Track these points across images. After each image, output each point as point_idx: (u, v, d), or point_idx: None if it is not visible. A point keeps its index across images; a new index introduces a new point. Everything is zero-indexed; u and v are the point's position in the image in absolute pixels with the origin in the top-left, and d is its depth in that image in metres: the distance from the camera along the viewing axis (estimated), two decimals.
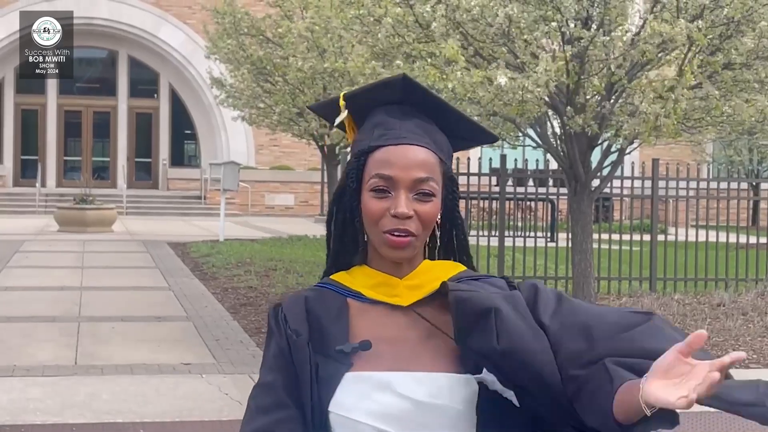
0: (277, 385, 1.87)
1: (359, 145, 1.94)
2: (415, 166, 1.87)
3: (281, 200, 35.10)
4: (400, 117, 1.93)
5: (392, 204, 1.85)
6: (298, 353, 1.88)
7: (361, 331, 1.89)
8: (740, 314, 11.63)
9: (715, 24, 9.22)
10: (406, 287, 1.91)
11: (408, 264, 1.92)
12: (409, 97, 1.95)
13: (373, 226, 1.88)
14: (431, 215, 1.88)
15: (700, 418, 7.39)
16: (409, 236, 1.85)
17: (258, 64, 20.67)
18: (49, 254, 18.53)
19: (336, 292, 1.94)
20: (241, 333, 10.46)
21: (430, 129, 1.94)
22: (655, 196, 14.34)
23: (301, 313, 1.91)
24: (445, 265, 1.98)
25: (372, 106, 1.97)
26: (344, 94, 2.00)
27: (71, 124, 37.94)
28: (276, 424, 1.84)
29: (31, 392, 7.65)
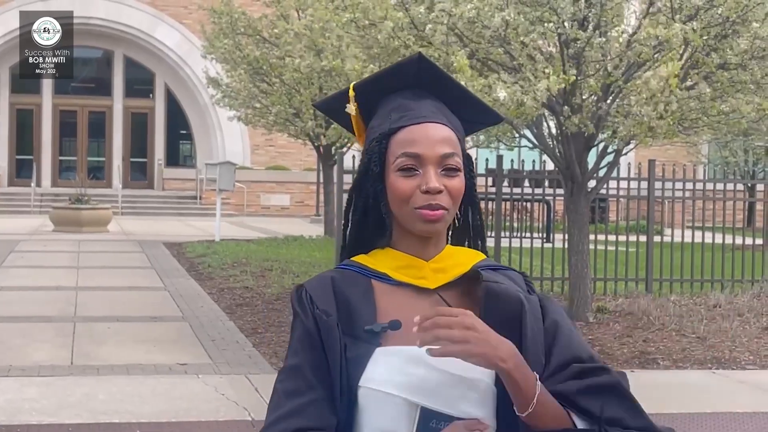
0: (304, 367, 1.86)
1: (378, 129, 1.95)
2: (439, 142, 1.90)
3: (277, 200, 35.08)
4: (415, 99, 1.95)
5: (422, 181, 1.87)
6: (328, 334, 1.87)
7: (388, 312, 1.89)
8: (736, 315, 11.63)
9: (711, 24, 9.22)
10: (433, 270, 1.93)
11: (434, 245, 1.94)
12: (423, 78, 1.97)
13: (403, 205, 1.89)
14: (460, 189, 1.91)
15: (696, 420, 7.39)
16: (442, 209, 1.87)
17: (254, 64, 20.67)
18: (45, 254, 18.50)
19: (360, 273, 1.95)
20: (237, 333, 10.44)
21: (444, 109, 1.96)
22: (652, 197, 14.34)
23: (329, 294, 1.91)
24: (468, 252, 2.00)
25: (383, 94, 1.98)
26: (354, 85, 2.01)
27: (66, 123, 37.88)
28: (305, 407, 1.83)
29: (27, 392, 7.63)
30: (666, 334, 10.50)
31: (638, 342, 10.11)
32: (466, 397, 1.84)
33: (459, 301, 1.91)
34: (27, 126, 37.60)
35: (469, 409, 1.84)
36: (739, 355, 9.72)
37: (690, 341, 10.23)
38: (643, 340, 10.19)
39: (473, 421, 1.83)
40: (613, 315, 11.50)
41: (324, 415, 1.83)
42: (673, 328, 10.76)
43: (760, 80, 9.74)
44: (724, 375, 8.95)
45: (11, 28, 34.66)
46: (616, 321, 11.15)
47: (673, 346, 9.95)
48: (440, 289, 1.92)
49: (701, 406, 7.68)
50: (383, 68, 2.05)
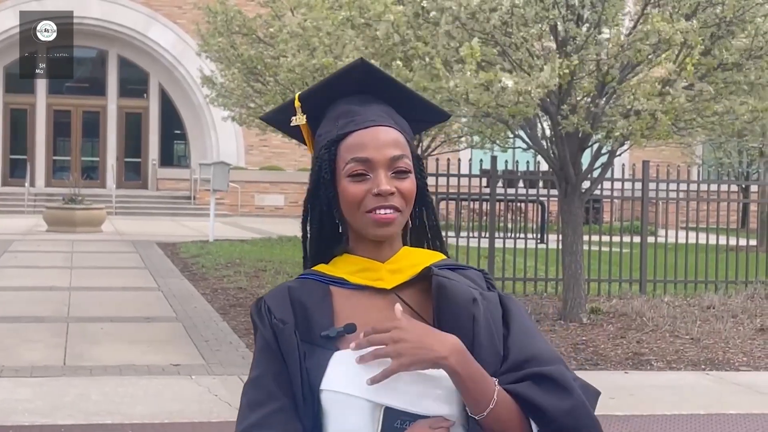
0: (266, 378, 1.88)
1: (326, 137, 1.95)
2: (388, 145, 1.90)
3: (271, 201, 35.06)
4: (361, 104, 1.96)
5: (372, 184, 1.88)
6: (286, 341, 1.89)
7: (346, 316, 1.90)
8: (730, 316, 11.64)
9: (708, 24, 9.23)
10: (389, 271, 1.93)
11: (389, 247, 1.95)
12: (368, 83, 1.97)
13: (355, 210, 1.89)
14: (411, 191, 1.91)
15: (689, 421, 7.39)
16: (394, 211, 1.88)
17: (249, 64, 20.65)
18: (38, 254, 18.46)
19: (318, 281, 1.95)
20: (230, 334, 10.43)
21: (391, 112, 1.97)
22: (645, 197, 14.35)
23: (286, 303, 1.93)
24: (425, 253, 2.00)
25: (329, 102, 1.98)
26: (300, 95, 2.01)
27: (60, 123, 37.83)
28: (268, 417, 1.84)
29: (19, 393, 7.61)
30: (660, 335, 10.50)
31: (632, 343, 10.11)
32: (429, 395, 1.84)
33: (417, 300, 1.92)
34: (21, 126, 37.54)
35: (433, 406, 1.84)
36: (732, 356, 9.72)
37: (684, 342, 10.23)
38: (636, 341, 10.19)
39: (437, 419, 1.83)
40: (607, 316, 11.51)
41: (287, 423, 1.84)
42: (667, 329, 10.77)
43: (755, 81, 9.75)
44: (718, 376, 8.95)
45: (6, 27, 34.62)
46: (609, 322, 11.15)
47: (667, 348, 9.95)
48: (397, 289, 1.92)
49: (695, 408, 7.68)
50: (326, 76, 2.04)
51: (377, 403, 1.82)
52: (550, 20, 9.40)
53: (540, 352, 1.91)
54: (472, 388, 1.80)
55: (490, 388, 1.82)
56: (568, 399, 1.87)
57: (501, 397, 1.82)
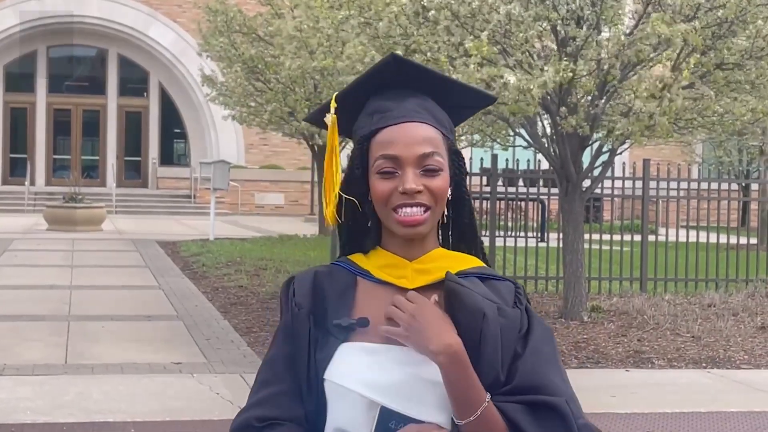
0: (278, 359, 1.92)
1: (360, 132, 1.94)
2: (418, 142, 1.88)
3: (271, 199, 35.05)
4: (396, 99, 1.93)
5: (399, 182, 1.86)
6: (299, 325, 1.91)
7: (364, 308, 1.90)
8: (731, 315, 11.64)
9: (709, 24, 9.23)
10: (415, 270, 1.92)
11: (420, 245, 1.92)
12: (402, 76, 1.95)
13: (383, 207, 1.88)
14: (441, 189, 1.88)
15: (690, 419, 7.39)
16: (424, 210, 1.86)
17: (249, 63, 20.65)
18: (39, 253, 18.46)
19: (346, 269, 1.95)
20: (231, 332, 10.43)
21: (428, 106, 1.94)
22: (646, 196, 14.35)
23: (308, 287, 1.94)
24: (458, 257, 1.97)
25: (365, 98, 1.97)
26: (336, 95, 1.99)
27: (60, 122, 37.81)
28: (272, 397, 1.88)
29: (21, 391, 7.61)
30: (660, 334, 10.51)
31: (633, 341, 10.12)
32: (424, 400, 1.83)
33: (440, 304, 1.88)
34: (21, 125, 37.52)
35: (428, 411, 1.83)
36: (733, 354, 9.73)
37: (684, 340, 10.24)
38: (637, 340, 10.20)
39: (430, 425, 1.82)
40: (608, 314, 11.51)
41: (289, 406, 1.87)
42: (668, 328, 10.77)
43: (755, 80, 9.75)
44: (719, 374, 8.95)
45: (5, 26, 34.61)
46: (610, 320, 11.15)
47: (668, 346, 9.96)
48: (422, 290, 1.90)
49: (696, 406, 7.68)
50: (362, 74, 2.02)
51: (374, 401, 1.82)
52: (551, 21, 9.41)
53: (550, 383, 1.86)
54: (458, 395, 1.80)
55: (479, 400, 1.80)
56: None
57: (489, 413, 1.80)
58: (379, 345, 1.85)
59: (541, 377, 1.86)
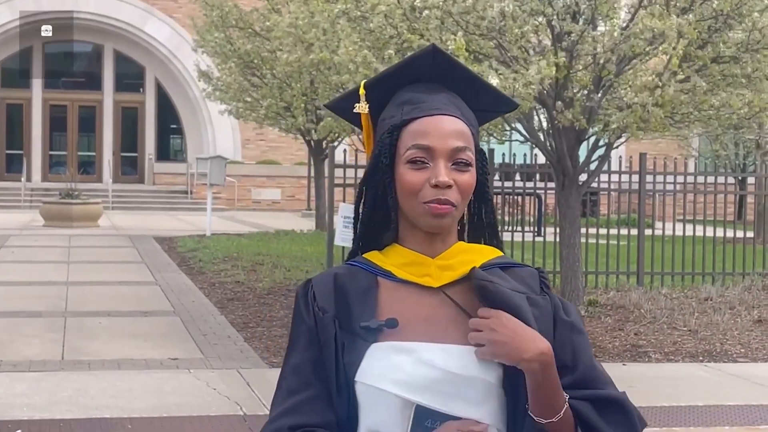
0: (304, 365, 1.88)
1: (390, 121, 1.91)
2: (451, 136, 1.86)
3: (268, 195, 35.04)
4: (428, 92, 1.92)
5: (432, 174, 1.84)
6: (324, 330, 1.88)
7: (390, 309, 1.87)
8: (728, 308, 11.65)
9: (704, 17, 9.22)
10: (438, 267, 1.89)
11: (442, 241, 1.91)
12: (436, 70, 1.94)
13: (412, 198, 1.86)
14: (470, 185, 1.87)
15: (687, 412, 7.40)
16: (449, 205, 1.84)
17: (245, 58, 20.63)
18: (35, 249, 18.45)
19: (366, 270, 1.92)
20: (228, 328, 10.42)
21: (458, 102, 1.93)
22: (643, 190, 14.35)
23: (330, 290, 1.91)
24: (479, 249, 1.96)
25: (395, 89, 1.95)
26: (365, 83, 1.97)
27: (57, 118, 37.74)
28: (302, 404, 1.84)
29: (17, 387, 7.61)
30: (657, 327, 10.51)
31: (630, 335, 10.13)
32: (462, 396, 1.81)
33: (466, 299, 1.88)
34: (17, 121, 37.47)
35: (466, 408, 1.82)
36: (730, 347, 9.74)
37: (681, 334, 10.25)
38: (634, 333, 10.20)
39: (469, 421, 1.80)
40: (605, 308, 11.51)
41: (320, 412, 1.84)
42: (665, 321, 10.78)
43: (752, 74, 9.74)
44: (716, 368, 8.96)
45: (1, 23, 34.54)
46: (607, 314, 11.16)
47: (665, 339, 9.97)
48: (447, 286, 1.89)
49: (693, 399, 7.69)
50: (396, 63, 2.00)
51: (408, 400, 1.80)
52: (546, 16, 9.40)
53: (602, 370, 1.92)
54: (542, 397, 1.80)
55: (560, 402, 1.81)
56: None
57: (567, 414, 1.82)
58: (410, 343, 1.83)
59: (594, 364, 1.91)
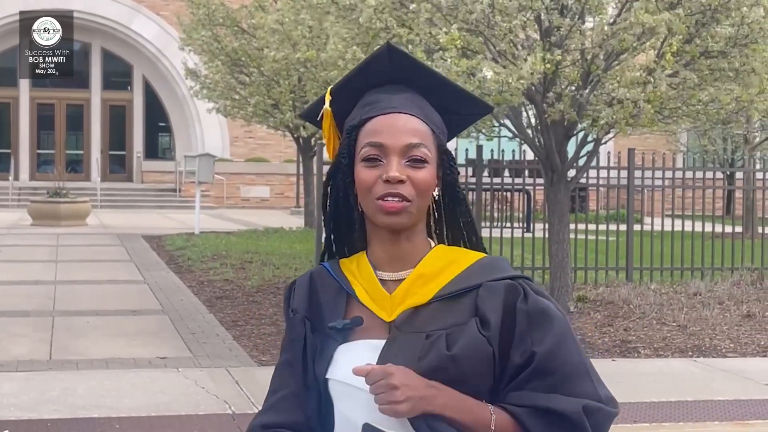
0: (283, 365, 1.96)
1: (349, 123, 1.94)
2: (405, 133, 1.87)
3: (257, 192, 34.98)
4: (390, 92, 1.93)
5: (384, 170, 1.85)
6: (294, 330, 1.95)
7: (356, 310, 1.92)
8: (717, 303, 11.66)
9: (692, 12, 9.22)
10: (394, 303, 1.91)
11: (407, 239, 1.91)
12: (398, 70, 1.94)
13: (366, 195, 1.87)
14: (425, 181, 1.87)
15: (677, 408, 7.40)
16: (403, 201, 1.84)
17: (233, 56, 20.58)
18: (23, 248, 18.38)
19: (337, 282, 1.96)
20: (217, 326, 10.39)
21: (421, 103, 1.93)
22: (631, 185, 14.36)
23: (305, 291, 1.97)
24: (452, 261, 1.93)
25: (360, 92, 1.96)
26: (331, 88, 1.99)
27: (44, 117, 37.62)
28: (278, 402, 1.93)
29: (5, 387, 7.57)
30: (647, 323, 10.52)
31: (619, 331, 10.13)
32: None
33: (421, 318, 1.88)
34: (4, 119, 37.34)
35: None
36: (719, 342, 9.75)
37: (671, 330, 10.25)
38: (623, 329, 10.20)
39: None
40: (594, 304, 11.52)
41: (291, 410, 1.91)
42: (654, 317, 10.78)
43: (740, 68, 9.75)
44: (705, 363, 8.96)
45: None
46: (596, 310, 11.16)
47: (654, 335, 9.97)
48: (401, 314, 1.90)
49: (682, 395, 7.69)
50: (355, 66, 2.01)
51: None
52: (534, 11, 9.38)
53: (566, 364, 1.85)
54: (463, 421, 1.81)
55: (486, 418, 1.81)
56: None
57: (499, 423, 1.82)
58: (379, 341, 1.87)
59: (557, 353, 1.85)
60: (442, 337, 1.84)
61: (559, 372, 1.83)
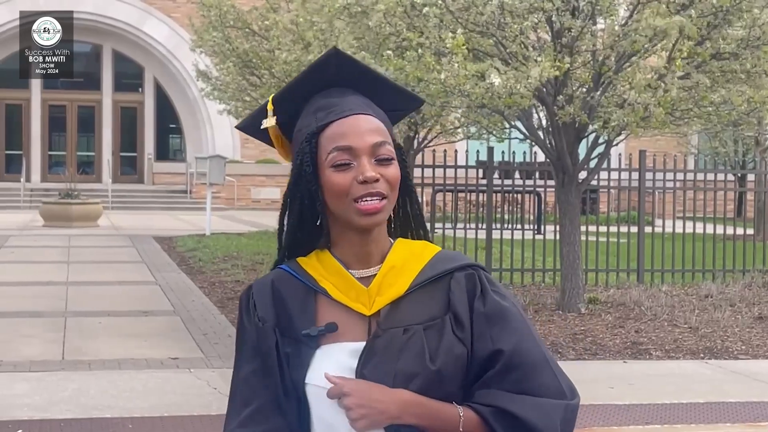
0: (253, 375, 1.93)
1: (306, 130, 1.93)
2: (370, 133, 1.89)
3: (267, 194, 35.02)
4: (339, 95, 1.94)
5: (357, 172, 1.86)
6: (265, 340, 1.93)
7: (328, 313, 1.92)
8: (728, 305, 11.64)
9: (704, 14, 9.21)
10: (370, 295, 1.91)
11: (374, 240, 1.92)
12: (343, 74, 1.95)
13: (342, 200, 1.87)
14: (395, 177, 1.90)
15: (688, 410, 7.39)
16: (382, 199, 1.86)
17: (244, 57, 20.61)
18: (35, 249, 18.44)
19: (303, 283, 1.95)
20: (228, 327, 10.42)
21: (369, 103, 1.95)
22: (642, 187, 14.34)
23: (268, 299, 1.95)
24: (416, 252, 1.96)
25: (305, 99, 1.97)
26: (273, 97, 2.00)
27: (56, 118, 37.74)
28: (253, 414, 1.90)
29: (18, 388, 7.60)
30: (658, 325, 10.51)
31: (630, 332, 10.12)
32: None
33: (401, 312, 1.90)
34: (16, 121, 37.46)
35: None
36: (731, 344, 9.73)
37: (682, 331, 10.24)
38: (635, 331, 10.20)
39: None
40: (605, 306, 11.51)
41: (271, 419, 1.90)
42: (665, 319, 10.77)
43: (751, 70, 9.73)
44: (717, 365, 8.95)
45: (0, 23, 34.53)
46: (607, 312, 11.15)
47: (665, 337, 9.96)
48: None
49: (694, 396, 7.68)
50: (300, 72, 2.02)
51: None
52: (546, 12, 9.38)
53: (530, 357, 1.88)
54: (432, 426, 1.84)
55: (455, 421, 1.84)
56: None
57: (470, 424, 1.85)
58: (358, 343, 1.88)
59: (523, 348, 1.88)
60: (419, 333, 1.87)
61: (521, 368, 1.86)
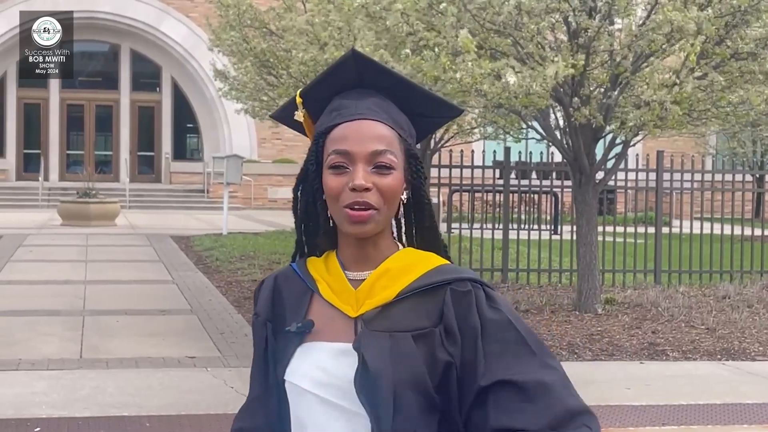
0: (252, 368, 2.02)
1: (317, 129, 1.94)
2: (371, 139, 1.86)
3: (284, 193, 35.06)
4: (356, 98, 1.92)
5: (350, 178, 1.84)
6: (256, 333, 2.00)
7: (318, 314, 1.92)
8: (746, 306, 11.61)
9: (722, 13, 9.19)
10: (358, 300, 1.90)
11: (373, 244, 1.90)
12: (365, 75, 1.94)
13: (334, 203, 1.87)
14: (392, 188, 1.85)
15: (705, 411, 7.38)
16: (370, 209, 1.83)
17: (261, 57, 20.64)
18: (53, 248, 18.52)
19: (303, 281, 1.97)
20: (245, 326, 10.44)
21: (387, 107, 1.92)
22: (660, 188, 14.31)
23: (269, 294, 2.01)
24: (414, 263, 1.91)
25: (329, 96, 1.96)
26: (300, 91, 2.00)
27: (74, 117, 37.89)
28: (248, 406, 2.02)
29: (36, 386, 7.64)
30: (675, 326, 10.48)
31: (647, 333, 10.10)
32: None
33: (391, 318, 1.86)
34: (34, 120, 37.62)
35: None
36: (748, 346, 9.70)
37: (699, 333, 10.21)
38: (651, 332, 10.18)
39: None
40: (622, 306, 11.49)
41: (255, 413, 1.99)
42: (682, 320, 10.74)
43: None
44: (734, 366, 8.93)
45: (16, 23, 34.67)
46: (624, 312, 11.13)
47: (682, 338, 9.93)
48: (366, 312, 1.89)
49: (711, 398, 7.67)
50: (321, 72, 2.01)
51: (325, 399, 1.85)
52: (562, 12, 9.37)
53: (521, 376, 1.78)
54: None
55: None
56: None
57: None
58: (339, 344, 1.86)
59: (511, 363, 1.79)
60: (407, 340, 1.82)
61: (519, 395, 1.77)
